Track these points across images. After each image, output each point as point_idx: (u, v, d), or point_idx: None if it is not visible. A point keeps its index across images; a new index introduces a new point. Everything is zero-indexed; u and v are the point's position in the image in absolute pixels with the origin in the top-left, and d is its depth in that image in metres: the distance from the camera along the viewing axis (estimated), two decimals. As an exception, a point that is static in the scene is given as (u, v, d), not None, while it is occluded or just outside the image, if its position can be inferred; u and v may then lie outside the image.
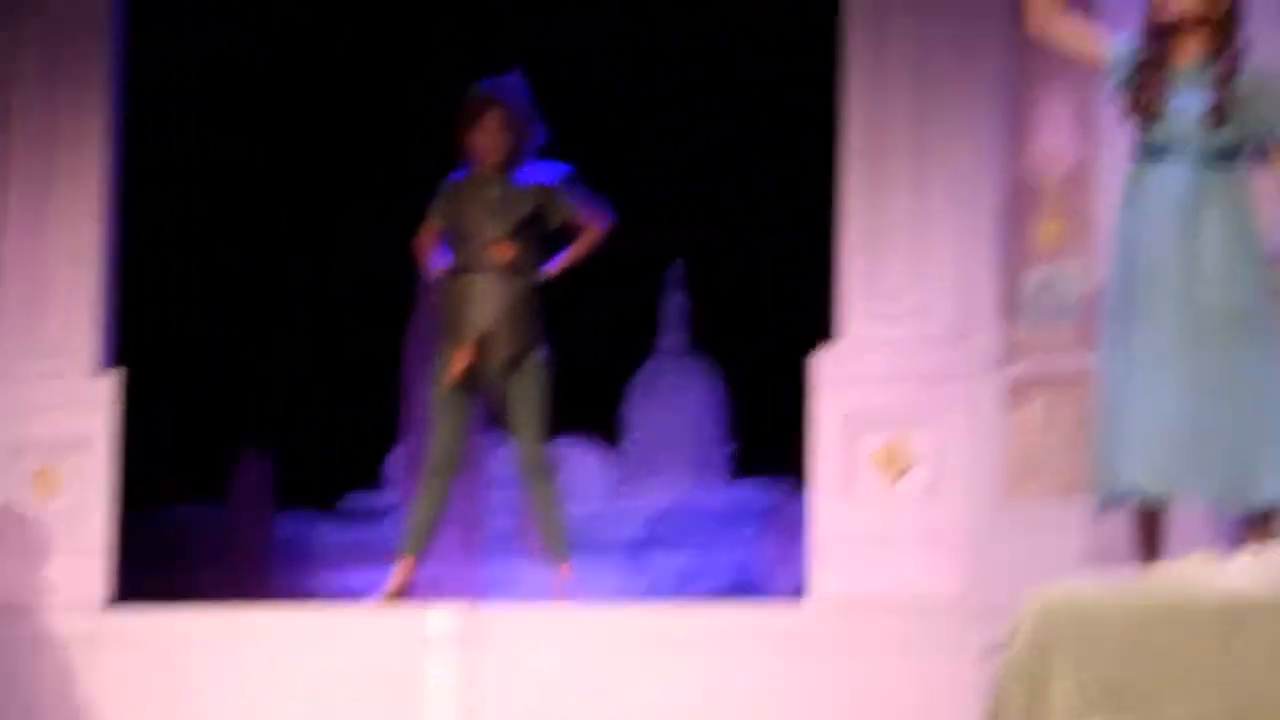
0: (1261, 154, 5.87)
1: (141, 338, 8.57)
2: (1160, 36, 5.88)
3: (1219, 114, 5.78)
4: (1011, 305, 7.26)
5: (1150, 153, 5.87)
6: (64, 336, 8.42)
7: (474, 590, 8.33)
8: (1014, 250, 7.29)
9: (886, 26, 7.67)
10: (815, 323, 7.65)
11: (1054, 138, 7.23)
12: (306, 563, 9.54)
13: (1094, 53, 5.99)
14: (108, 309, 8.44)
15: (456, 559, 8.49)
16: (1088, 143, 7.09)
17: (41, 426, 8.39)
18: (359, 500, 9.89)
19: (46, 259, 8.46)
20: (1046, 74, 7.25)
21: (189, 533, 9.53)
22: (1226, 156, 5.83)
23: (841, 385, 7.53)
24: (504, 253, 8.04)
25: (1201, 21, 5.84)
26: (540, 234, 8.16)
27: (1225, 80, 5.81)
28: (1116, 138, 6.81)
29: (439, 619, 7.73)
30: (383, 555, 8.57)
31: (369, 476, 9.84)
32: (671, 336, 10.10)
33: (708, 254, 9.53)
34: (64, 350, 8.41)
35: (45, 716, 8.05)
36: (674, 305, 10.07)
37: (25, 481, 8.37)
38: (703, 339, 10.01)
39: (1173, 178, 5.81)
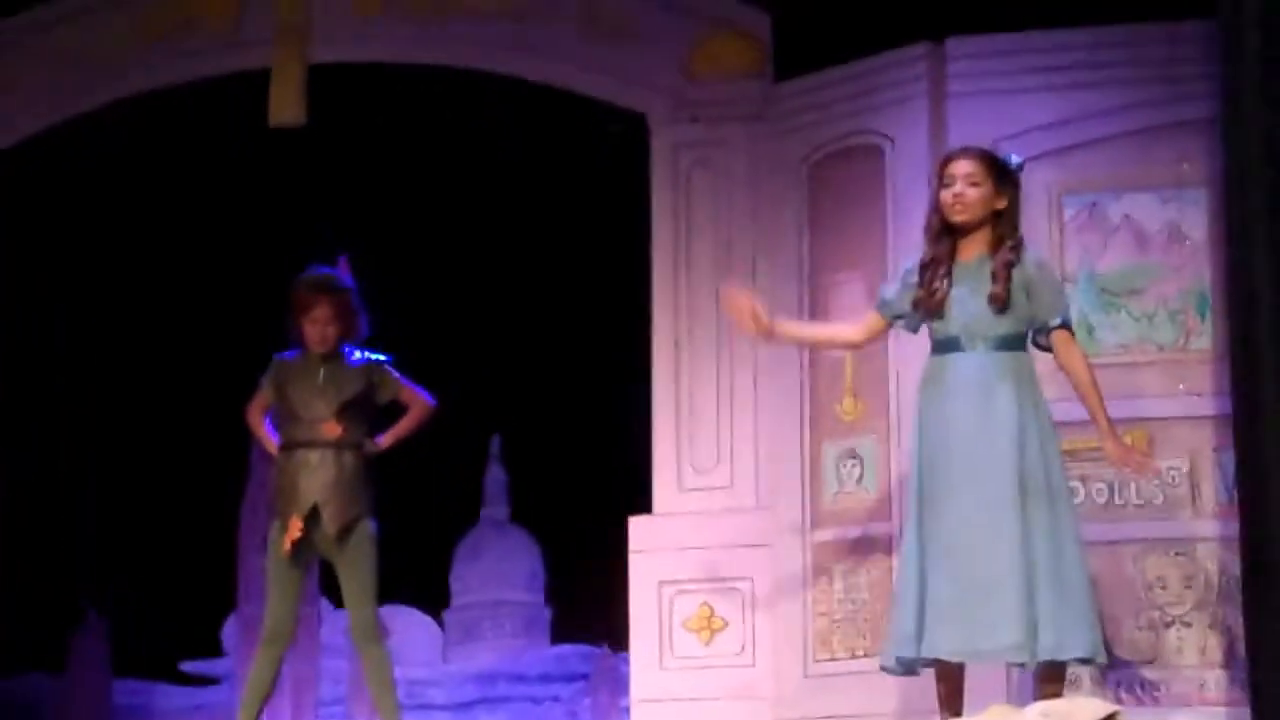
0: (1043, 337, 5.98)
1: None
2: (943, 236, 5.97)
3: (999, 302, 5.87)
4: (814, 476, 7.33)
5: (943, 345, 5.93)
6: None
7: (306, 753, 8.17)
8: (816, 425, 7.36)
9: (691, 218, 7.77)
10: (629, 494, 7.68)
11: (849, 317, 7.32)
12: (146, 727, 9.41)
13: (852, 338, 6.20)
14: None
15: (291, 721, 8.37)
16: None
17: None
18: (196, 666, 9.73)
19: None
20: (841, 263, 7.38)
21: (29, 701, 9.33)
22: (1011, 342, 5.90)
23: (655, 554, 7.56)
24: (331, 431, 7.95)
25: (981, 222, 5.96)
26: (368, 410, 8.11)
27: (1005, 272, 5.87)
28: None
29: (273, 782, 7.68)
30: (221, 718, 8.47)
31: (205, 642, 9.68)
32: (493, 507, 10.11)
33: (526, 430, 9.54)
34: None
35: None
36: (494, 478, 10.08)
37: None
38: (523, 509, 10.00)
39: (965, 364, 5.87)
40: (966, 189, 5.90)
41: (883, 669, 6.01)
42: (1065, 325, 5.95)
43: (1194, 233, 6.80)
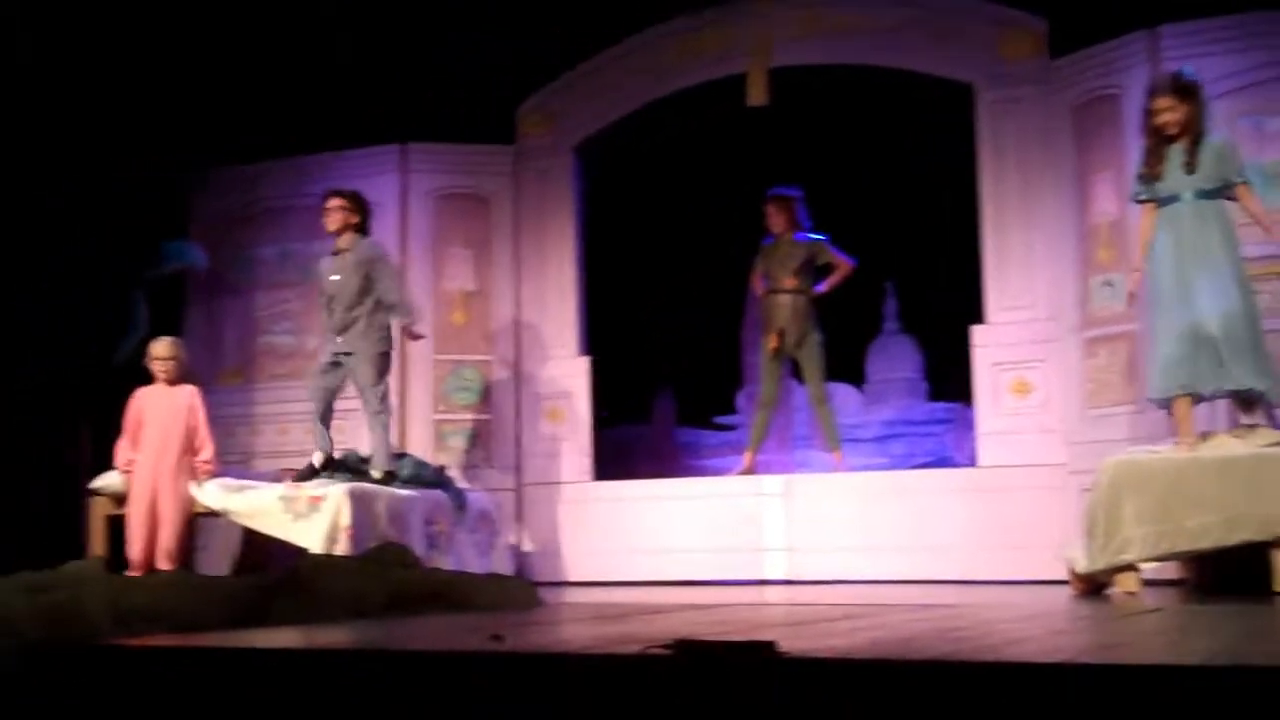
0: (1230, 191, 5.76)
1: (602, 335, 8.66)
2: (1156, 133, 5.81)
3: (1190, 166, 5.69)
4: (1085, 297, 7.23)
5: (1166, 201, 5.75)
6: (559, 337, 8.54)
7: (788, 468, 8.37)
8: (1084, 266, 7.24)
9: (1001, 145, 7.65)
10: (972, 313, 7.63)
11: (1104, 201, 7.18)
12: (696, 455, 9.62)
13: (1150, 227, 5.84)
14: (581, 321, 8.56)
15: (777, 451, 8.55)
16: (1122, 203, 6.99)
17: (549, 384, 8.49)
18: (722, 419, 9.93)
19: (547, 298, 8.58)
20: (1098, 167, 7.21)
21: (632, 440, 9.61)
22: (1209, 194, 5.70)
23: (989, 347, 7.55)
24: (790, 284, 8.12)
25: (1180, 124, 5.77)
26: (812, 270, 8.21)
27: (1194, 147, 5.69)
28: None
29: (770, 484, 7.86)
30: (737, 450, 8.68)
31: (726, 405, 9.88)
32: (890, 323, 10.02)
33: (908, 277, 9.47)
34: (559, 345, 8.53)
35: (560, 538, 8.22)
36: (889, 306, 10.03)
37: (543, 415, 8.46)
38: (908, 324, 9.92)
39: (1183, 209, 5.70)
40: (1167, 116, 5.75)
41: (1150, 400, 5.88)
42: (1246, 181, 5.76)
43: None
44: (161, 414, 6.99)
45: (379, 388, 7.17)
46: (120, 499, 6.94)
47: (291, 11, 8.34)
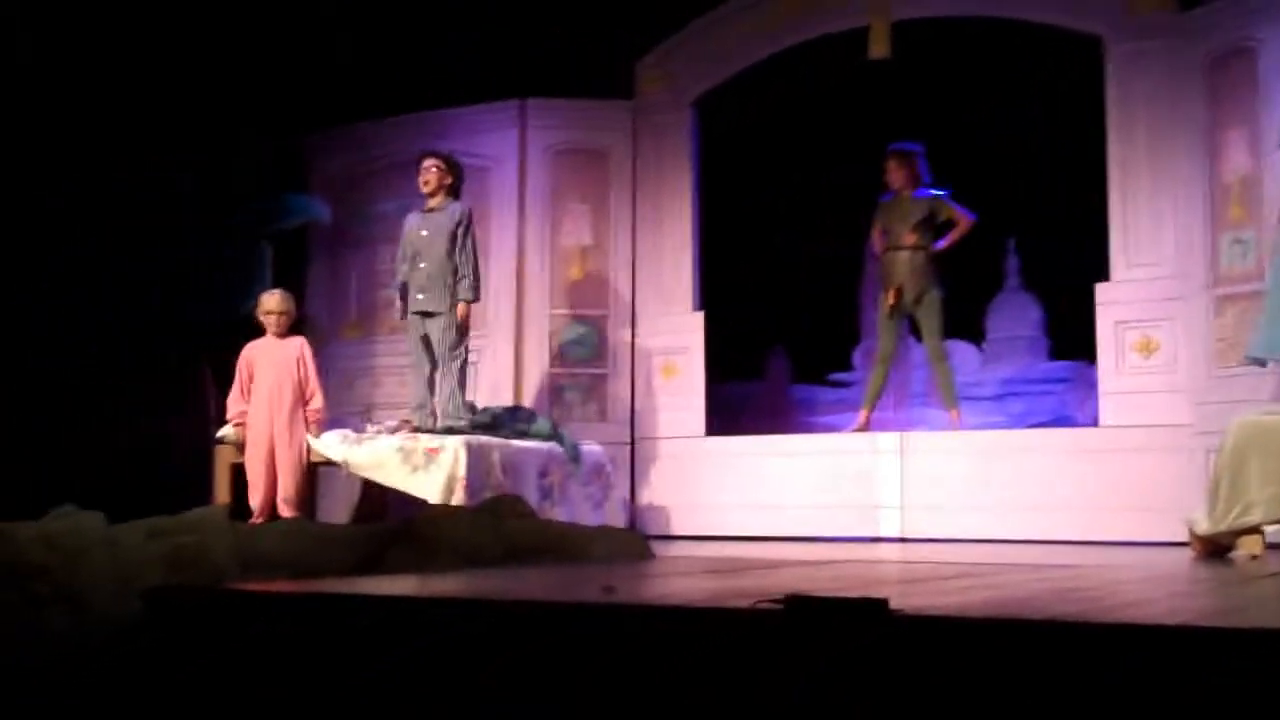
0: None
1: (716, 292, 8.64)
2: None
3: None
4: (1214, 255, 7.02)
5: None
6: (674, 293, 8.55)
7: (904, 425, 8.29)
8: (1214, 223, 7.03)
9: (1129, 100, 7.47)
10: (1095, 268, 7.47)
11: (1236, 157, 6.95)
12: (810, 411, 9.55)
13: None
14: (697, 277, 8.55)
15: (894, 408, 8.47)
16: (1256, 159, 6.80)
17: (663, 340, 8.53)
18: (837, 375, 9.82)
19: (663, 254, 8.60)
20: (1230, 122, 6.99)
21: (745, 396, 9.54)
22: None
23: (1114, 305, 7.38)
24: (909, 240, 8.04)
25: None
26: (931, 226, 8.11)
27: None
28: (1273, 156, 6.59)
29: (885, 441, 7.81)
30: (853, 407, 8.62)
31: (842, 361, 9.77)
32: (1011, 279, 9.78)
33: (1029, 234, 9.20)
34: (675, 300, 8.54)
35: (673, 493, 8.27)
36: (1011, 262, 9.80)
37: (657, 370, 8.51)
38: (1029, 280, 9.66)
39: None
40: None
41: (1249, 359, 5.77)
42: None
43: None
44: (273, 366, 7.12)
45: (457, 352, 7.23)
46: (244, 448, 7.11)
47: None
